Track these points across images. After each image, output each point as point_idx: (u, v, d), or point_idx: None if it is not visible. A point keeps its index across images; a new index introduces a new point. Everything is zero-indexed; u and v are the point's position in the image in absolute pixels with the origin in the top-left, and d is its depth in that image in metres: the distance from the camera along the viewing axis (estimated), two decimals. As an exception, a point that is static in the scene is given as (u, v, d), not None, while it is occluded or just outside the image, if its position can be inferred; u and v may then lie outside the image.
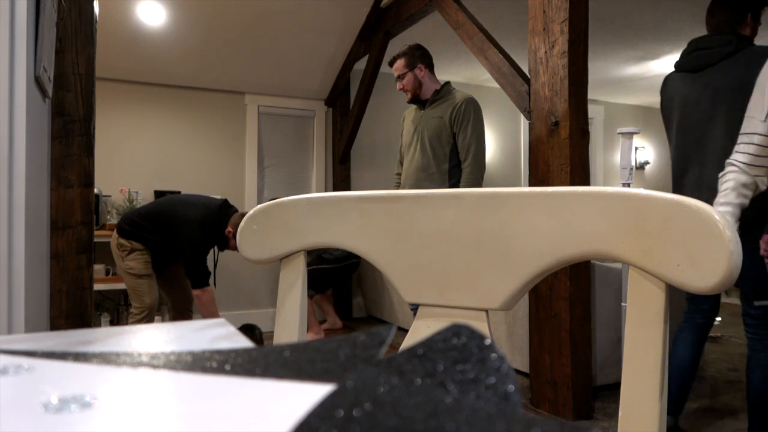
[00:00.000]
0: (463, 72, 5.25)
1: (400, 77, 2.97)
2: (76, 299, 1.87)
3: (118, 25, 3.66)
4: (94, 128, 1.98)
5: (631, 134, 2.09)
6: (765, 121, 1.66)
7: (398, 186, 3.12)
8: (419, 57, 2.95)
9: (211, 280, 3.94)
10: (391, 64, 3.01)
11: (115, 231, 3.08)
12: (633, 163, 2.39)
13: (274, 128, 4.78)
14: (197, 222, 2.99)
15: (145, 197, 4.21)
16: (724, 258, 0.45)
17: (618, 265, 2.82)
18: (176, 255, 3.14)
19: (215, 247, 3.42)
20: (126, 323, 3.90)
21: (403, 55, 2.96)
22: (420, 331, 0.63)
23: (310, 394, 0.22)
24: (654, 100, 5.90)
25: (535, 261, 0.56)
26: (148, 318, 3.00)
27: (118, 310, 4.03)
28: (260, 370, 0.26)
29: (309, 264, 3.97)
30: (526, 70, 2.62)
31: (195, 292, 3.04)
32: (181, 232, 2.98)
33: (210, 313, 3.08)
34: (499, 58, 2.80)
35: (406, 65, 2.95)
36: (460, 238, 0.61)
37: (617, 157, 6.14)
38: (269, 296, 4.62)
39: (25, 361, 0.29)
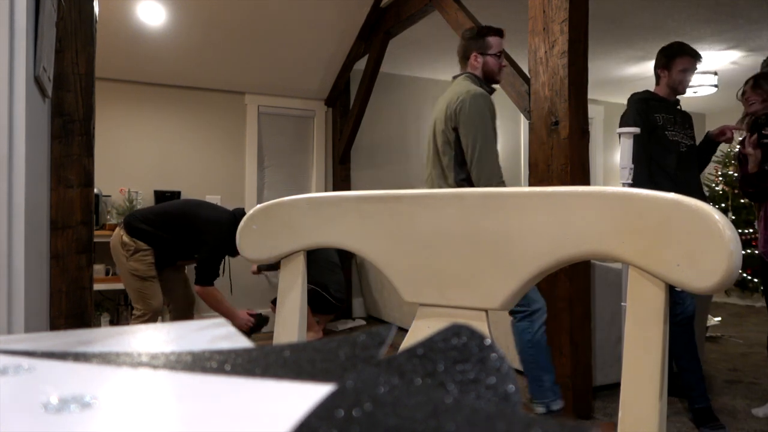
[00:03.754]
0: (463, 72, 5.24)
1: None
2: (76, 299, 1.87)
3: (118, 25, 3.66)
4: (94, 128, 1.98)
5: (631, 134, 2.09)
6: None
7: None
8: None
9: (227, 287, 3.97)
10: (503, 36, 2.55)
11: (120, 228, 3.00)
12: (633, 163, 2.39)
13: (274, 128, 4.78)
14: (226, 224, 3.00)
15: (145, 197, 4.21)
16: (724, 257, 0.45)
17: (618, 265, 2.82)
18: (180, 256, 3.12)
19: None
20: (126, 324, 3.89)
21: None
22: (420, 331, 0.63)
23: (310, 394, 0.22)
24: (654, 100, 5.90)
25: (534, 261, 0.56)
26: (151, 321, 2.98)
27: (118, 310, 4.03)
28: (260, 370, 0.26)
29: (317, 285, 3.99)
30: (526, 70, 2.62)
31: (197, 288, 3.04)
32: (208, 231, 2.98)
33: (219, 310, 3.08)
34: (499, 58, 2.80)
35: None
36: (460, 237, 0.61)
37: (617, 157, 6.14)
38: (268, 296, 4.62)
39: (25, 361, 0.29)
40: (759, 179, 2.48)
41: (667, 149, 2.51)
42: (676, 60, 2.61)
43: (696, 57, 2.64)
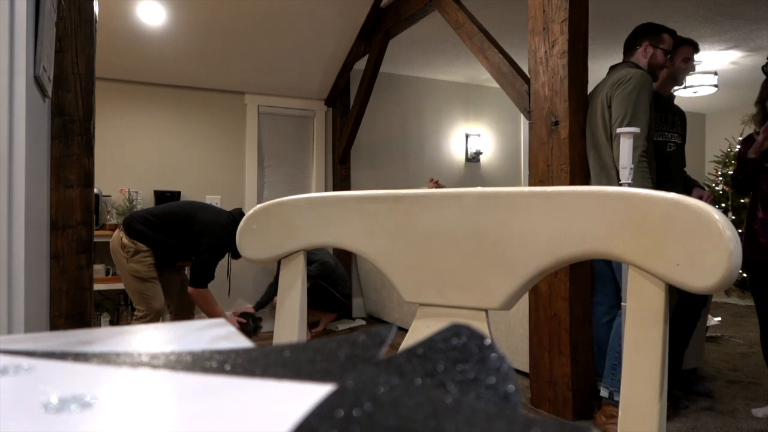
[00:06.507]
0: (463, 72, 5.25)
1: None
2: (76, 299, 1.87)
3: (118, 25, 3.66)
4: (94, 128, 1.98)
5: (630, 134, 2.09)
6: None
7: None
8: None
9: (224, 287, 3.97)
10: (675, 37, 2.62)
11: (119, 230, 3.00)
12: (633, 163, 2.40)
13: (274, 128, 4.78)
14: (223, 226, 3.01)
15: (145, 197, 4.21)
16: (724, 257, 0.45)
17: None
18: (180, 257, 3.12)
19: (228, 255, 3.49)
20: (126, 324, 3.89)
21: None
22: (420, 331, 0.63)
23: (310, 394, 0.22)
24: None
25: (534, 260, 0.56)
26: (153, 323, 2.96)
27: (118, 310, 4.02)
28: (260, 370, 0.26)
29: (325, 281, 4.07)
30: (526, 70, 2.62)
31: (190, 289, 3.04)
32: (206, 233, 2.98)
33: (209, 312, 3.08)
34: (499, 58, 2.80)
35: None
36: (460, 237, 0.61)
37: (617, 157, 6.12)
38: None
39: (25, 361, 0.29)
40: (753, 168, 2.51)
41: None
42: (679, 50, 2.64)
43: (696, 48, 2.69)
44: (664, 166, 2.54)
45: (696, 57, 2.76)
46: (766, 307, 2.53)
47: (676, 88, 2.84)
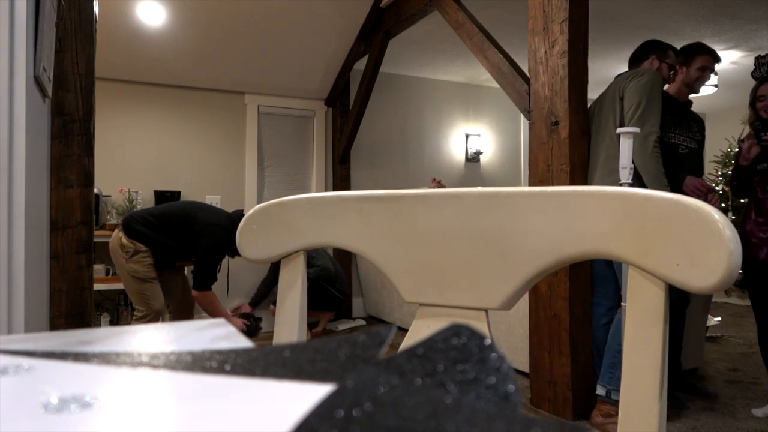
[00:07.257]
0: (463, 72, 5.25)
1: None
2: (76, 299, 1.87)
3: (118, 25, 3.66)
4: (94, 128, 1.98)
5: (631, 134, 2.09)
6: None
7: None
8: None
9: (223, 288, 4.00)
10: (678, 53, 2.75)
11: (118, 230, 2.99)
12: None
13: (274, 128, 4.78)
14: (223, 227, 3.00)
15: (145, 197, 4.21)
16: (724, 257, 0.45)
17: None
18: (179, 258, 3.11)
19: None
20: (126, 324, 3.89)
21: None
22: (420, 330, 0.63)
23: (310, 394, 0.22)
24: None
25: (534, 260, 0.56)
26: (152, 323, 2.97)
27: (118, 310, 4.02)
28: (260, 370, 0.26)
29: (325, 281, 4.07)
30: (526, 70, 2.62)
31: (194, 293, 3.03)
32: (206, 234, 2.97)
33: (214, 316, 3.08)
34: (499, 58, 2.80)
35: None
36: (460, 237, 0.61)
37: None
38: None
39: (25, 361, 0.29)
40: (746, 173, 2.56)
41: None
42: (697, 57, 2.66)
43: (716, 57, 2.70)
44: (674, 168, 2.55)
45: None
46: (761, 306, 2.55)
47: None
